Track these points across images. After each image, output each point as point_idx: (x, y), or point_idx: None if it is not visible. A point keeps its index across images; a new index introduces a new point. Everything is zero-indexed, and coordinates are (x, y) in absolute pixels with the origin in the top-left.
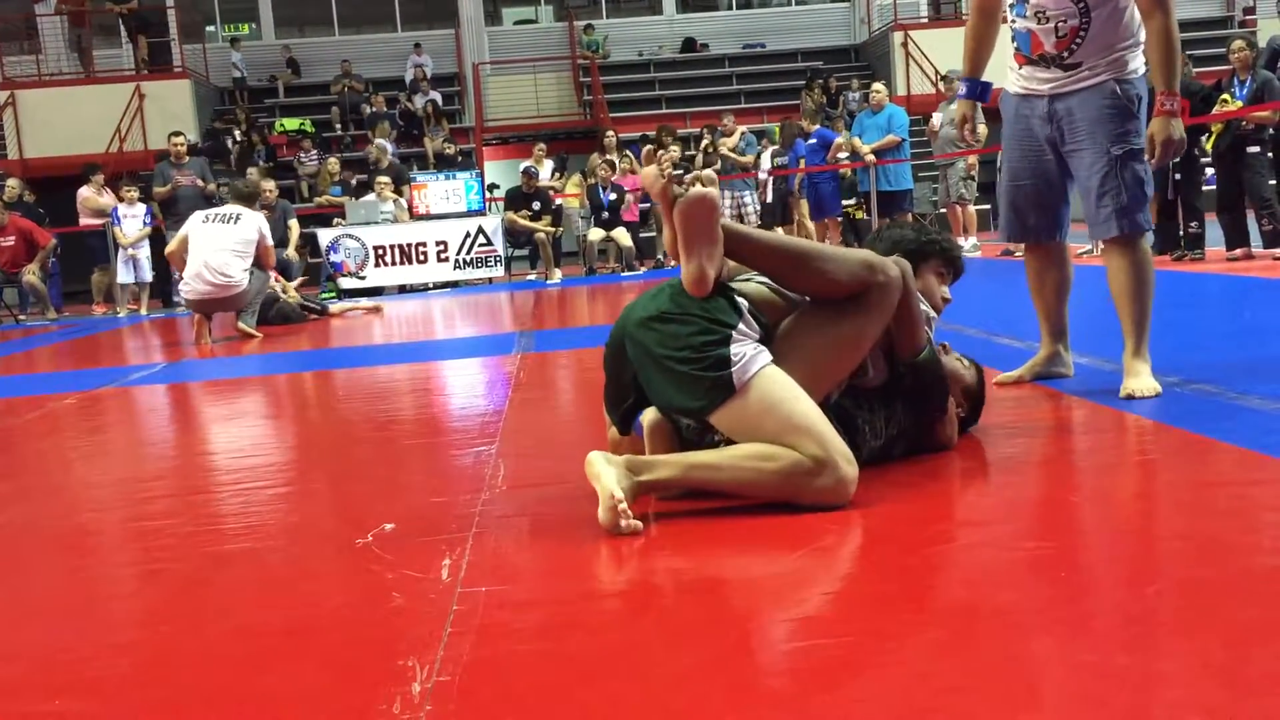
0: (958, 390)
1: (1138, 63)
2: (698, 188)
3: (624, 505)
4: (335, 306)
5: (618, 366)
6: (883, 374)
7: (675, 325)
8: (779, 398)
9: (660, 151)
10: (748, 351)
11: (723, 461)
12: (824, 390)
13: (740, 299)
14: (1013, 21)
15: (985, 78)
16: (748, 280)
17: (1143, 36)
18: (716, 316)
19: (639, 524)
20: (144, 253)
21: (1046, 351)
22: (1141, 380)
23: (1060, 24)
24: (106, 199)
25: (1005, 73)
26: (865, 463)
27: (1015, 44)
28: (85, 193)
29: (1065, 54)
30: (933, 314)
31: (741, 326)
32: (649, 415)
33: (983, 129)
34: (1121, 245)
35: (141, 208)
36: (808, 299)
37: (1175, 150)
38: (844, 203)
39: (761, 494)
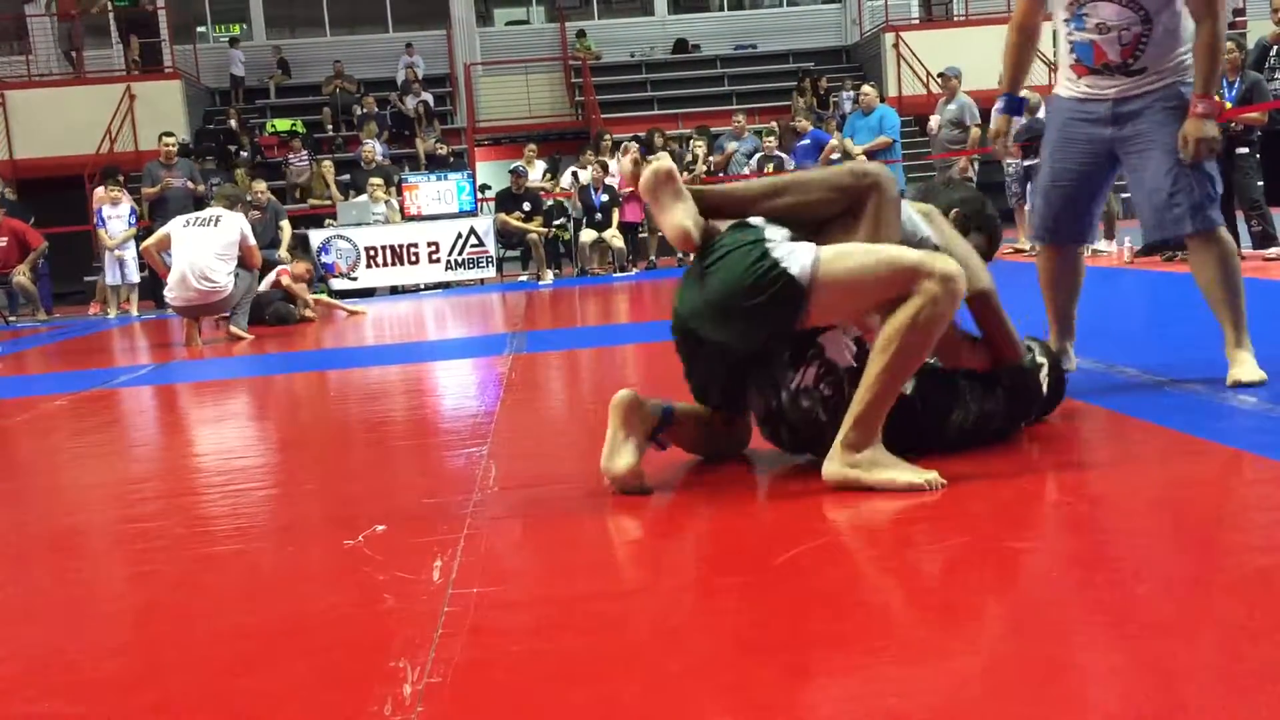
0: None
1: None
2: (654, 162)
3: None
4: (307, 312)
5: (690, 354)
6: (980, 364)
7: (716, 278)
8: (852, 264)
9: (627, 145)
10: (792, 248)
11: (874, 377)
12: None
13: (750, 220)
14: (1070, 34)
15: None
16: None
17: None
18: (740, 243)
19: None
20: (130, 253)
21: (1056, 348)
22: (1246, 368)
23: (1123, 33)
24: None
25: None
26: (953, 441)
27: (1075, 56)
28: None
29: (1130, 61)
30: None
31: (768, 233)
32: (620, 395)
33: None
34: (1204, 241)
35: (126, 208)
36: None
37: (1210, 149)
38: None
39: (914, 351)
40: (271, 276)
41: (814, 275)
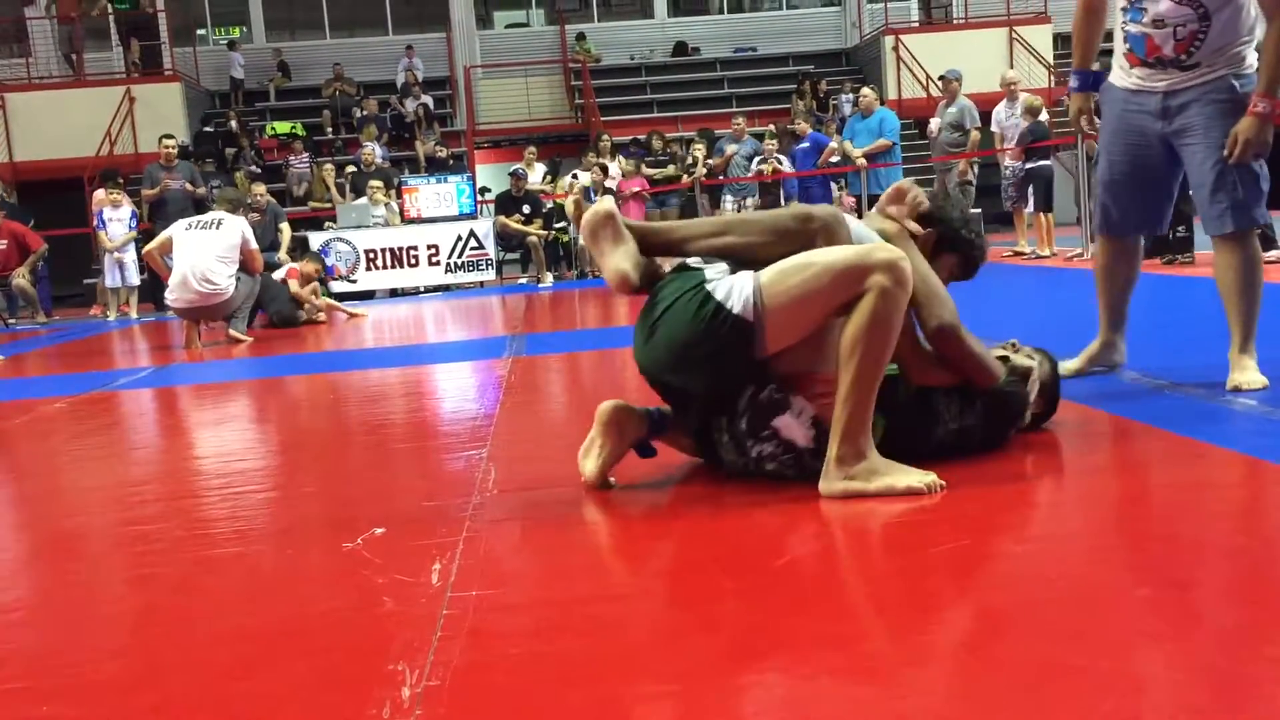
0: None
1: (1254, 59)
2: (595, 204)
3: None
4: (319, 315)
5: (663, 396)
6: (949, 380)
7: (665, 331)
8: (793, 281)
9: (569, 189)
10: (731, 284)
11: (847, 388)
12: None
13: (689, 261)
14: (1126, 25)
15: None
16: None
17: (1258, 33)
18: (682, 291)
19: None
20: (130, 256)
21: (1104, 340)
22: (1248, 374)
23: (1179, 29)
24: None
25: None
26: (934, 451)
27: (1128, 46)
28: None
29: (1184, 56)
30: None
31: (708, 273)
32: (604, 406)
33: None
34: (1232, 242)
35: (127, 210)
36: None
37: (1257, 151)
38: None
39: (879, 350)
40: (282, 273)
41: (758, 305)
